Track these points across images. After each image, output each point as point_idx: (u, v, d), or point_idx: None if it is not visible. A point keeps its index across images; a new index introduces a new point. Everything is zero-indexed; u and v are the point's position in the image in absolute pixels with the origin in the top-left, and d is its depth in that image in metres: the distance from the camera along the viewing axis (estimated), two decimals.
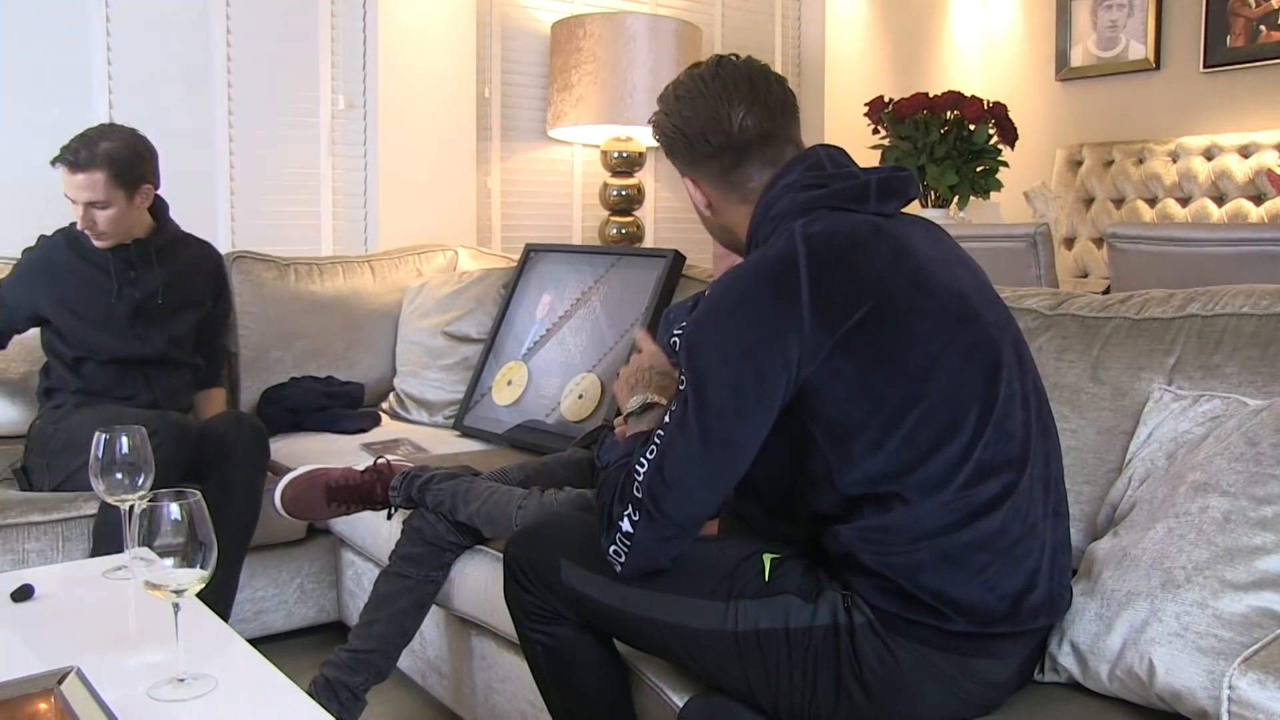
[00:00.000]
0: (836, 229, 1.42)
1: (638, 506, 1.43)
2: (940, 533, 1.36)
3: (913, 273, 1.41)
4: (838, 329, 1.35)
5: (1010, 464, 1.40)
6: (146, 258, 2.76)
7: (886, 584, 1.39)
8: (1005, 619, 1.39)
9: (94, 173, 2.57)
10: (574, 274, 3.19)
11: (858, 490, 1.39)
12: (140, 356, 2.75)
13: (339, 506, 2.35)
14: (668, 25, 4.05)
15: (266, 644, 2.62)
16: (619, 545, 1.46)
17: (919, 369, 1.37)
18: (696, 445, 1.39)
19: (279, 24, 3.79)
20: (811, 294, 1.36)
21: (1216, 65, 5.07)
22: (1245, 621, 1.30)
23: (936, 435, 1.36)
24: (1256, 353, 1.68)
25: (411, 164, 4.02)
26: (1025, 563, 1.40)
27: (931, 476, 1.36)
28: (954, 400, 1.38)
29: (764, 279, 1.40)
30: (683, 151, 1.59)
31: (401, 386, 3.46)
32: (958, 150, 4.19)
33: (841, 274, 1.38)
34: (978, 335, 1.42)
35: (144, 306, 2.75)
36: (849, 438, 1.38)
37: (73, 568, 1.98)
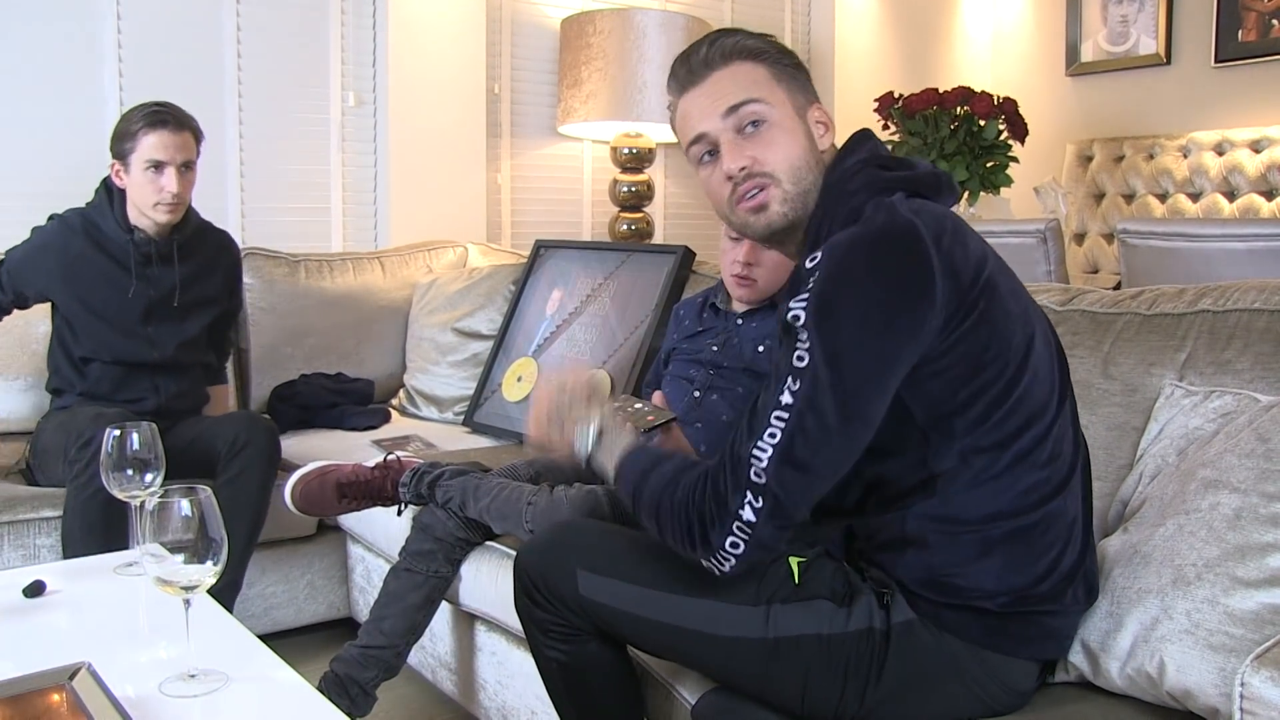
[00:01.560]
0: (934, 210, 1.39)
1: (761, 493, 1.32)
2: (1014, 512, 1.37)
3: (995, 256, 1.42)
4: (965, 298, 1.33)
5: (1071, 446, 1.43)
6: (168, 254, 2.70)
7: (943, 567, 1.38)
8: (1054, 598, 1.40)
9: (186, 133, 2.57)
10: (584, 270, 3.19)
11: (948, 465, 1.37)
12: (147, 361, 2.70)
13: (349, 503, 2.35)
14: (677, 21, 4.05)
15: (277, 640, 2.62)
16: (736, 536, 1.34)
17: (1021, 346, 1.37)
18: (833, 422, 1.29)
19: (289, 21, 3.80)
20: (941, 264, 1.31)
21: (1228, 60, 5.04)
22: (1257, 619, 1.29)
23: (1028, 415, 1.37)
24: (1269, 348, 1.67)
25: (421, 160, 4.02)
26: (1078, 541, 1.43)
27: (1021, 449, 1.37)
28: (1044, 380, 1.40)
29: (894, 247, 1.32)
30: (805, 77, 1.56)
31: (411, 383, 3.47)
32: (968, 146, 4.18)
33: (958, 249, 1.35)
34: (1042, 321, 1.46)
35: (158, 306, 2.70)
36: (952, 415, 1.36)
37: (84, 563, 1.98)
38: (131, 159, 2.56)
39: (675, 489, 1.41)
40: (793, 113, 1.51)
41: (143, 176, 2.56)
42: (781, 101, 1.51)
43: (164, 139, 2.54)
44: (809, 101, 1.54)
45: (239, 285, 3.04)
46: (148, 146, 2.54)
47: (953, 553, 1.38)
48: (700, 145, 1.52)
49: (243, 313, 3.36)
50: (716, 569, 1.38)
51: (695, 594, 1.46)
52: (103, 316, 2.66)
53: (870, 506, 1.45)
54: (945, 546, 1.38)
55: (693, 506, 1.38)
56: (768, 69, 1.52)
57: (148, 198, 2.58)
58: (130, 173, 2.58)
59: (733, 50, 1.52)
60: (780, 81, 1.52)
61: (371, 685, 2.19)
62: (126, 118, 2.59)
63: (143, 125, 2.53)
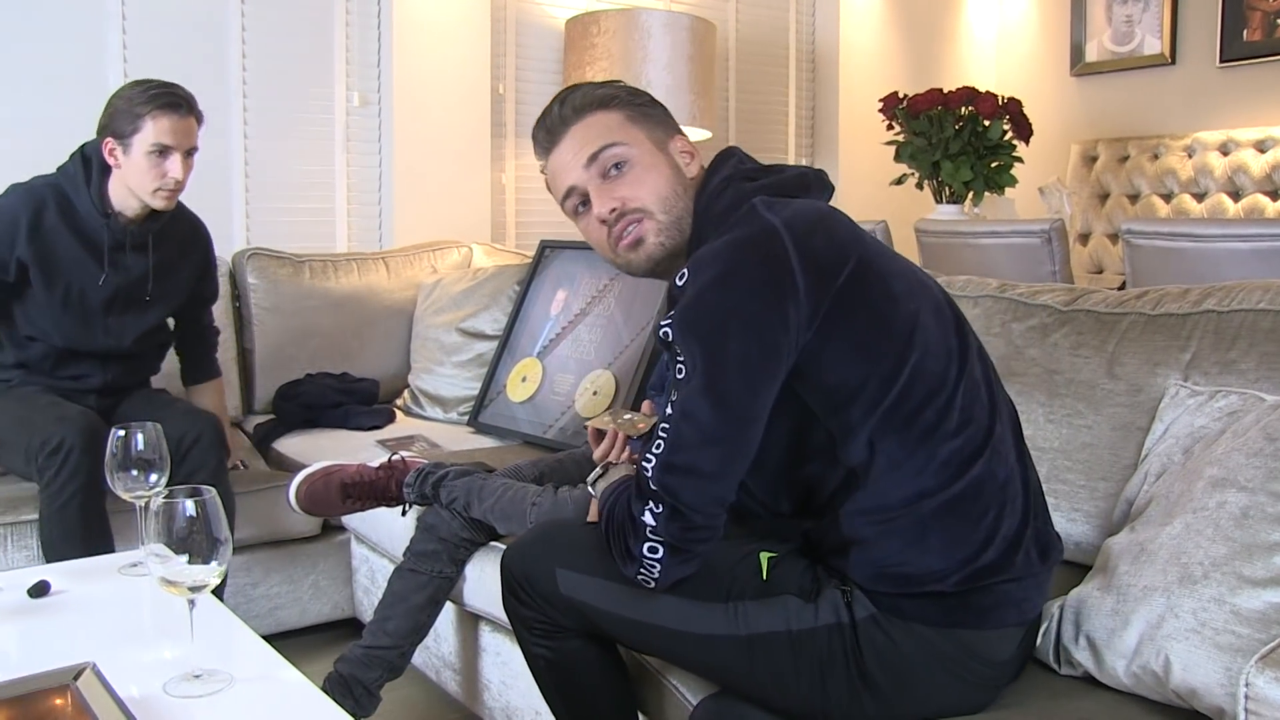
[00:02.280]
0: (798, 207, 1.45)
1: (658, 500, 1.38)
2: (938, 487, 1.38)
3: (872, 242, 1.47)
4: (829, 290, 1.37)
5: (983, 410, 1.45)
6: (142, 242, 2.56)
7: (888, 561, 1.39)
8: (1005, 566, 1.41)
9: (192, 118, 2.47)
10: (589, 270, 3.19)
11: (860, 457, 1.39)
12: (99, 350, 2.57)
13: (353, 503, 2.35)
14: (682, 21, 4.04)
15: (281, 640, 2.62)
16: (652, 541, 1.40)
17: (904, 326, 1.41)
18: (708, 425, 1.36)
19: (293, 21, 3.81)
20: (800, 259, 1.36)
21: (1233, 60, 5.03)
22: (1263, 618, 1.29)
23: (927, 389, 1.40)
24: (1274, 348, 1.67)
25: (426, 161, 4.03)
26: (1016, 502, 1.44)
27: (926, 425, 1.39)
28: (937, 353, 1.42)
29: (749, 250, 1.39)
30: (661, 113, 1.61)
31: (416, 383, 3.47)
32: (972, 146, 4.18)
33: (820, 239, 1.40)
34: (934, 297, 1.49)
35: (124, 295, 2.57)
36: (848, 404, 1.39)
37: (88, 564, 1.98)
38: (134, 140, 2.41)
39: (612, 513, 1.48)
40: (652, 148, 1.57)
41: (145, 160, 2.42)
42: (639, 140, 1.57)
43: (174, 124, 2.42)
44: (669, 135, 1.60)
45: (213, 270, 2.85)
46: (156, 130, 2.40)
47: (892, 543, 1.39)
48: (573, 198, 1.61)
49: (246, 312, 3.37)
50: (649, 581, 1.44)
51: (665, 591, 1.48)
52: (65, 303, 2.52)
53: (809, 512, 1.48)
54: (883, 538, 1.40)
55: (618, 525, 1.45)
56: (621, 113, 1.58)
57: (148, 183, 2.44)
58: (130, 154, 2.42)
59: (584, 103, 1.58)
60: (635, 122, 1.58)
61: (376, 686, 2.19)
62: (128, 96, 2.43)
63: (152, 107, 2.40)
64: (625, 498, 1.45)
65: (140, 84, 2.45)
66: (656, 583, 1.44)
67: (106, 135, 2.45)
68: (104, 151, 2.46)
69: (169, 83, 2.46)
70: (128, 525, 2.50)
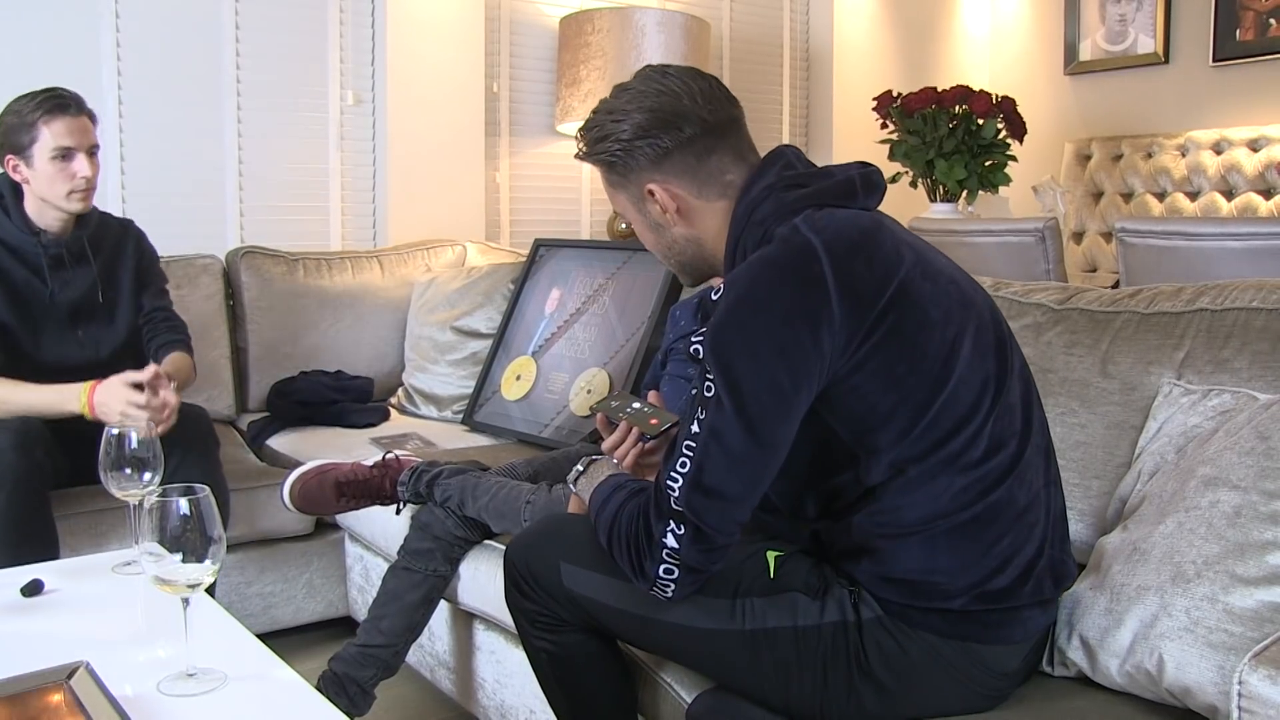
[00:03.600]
0: (842, 223, 1.40)
1: (681, 521, 1.36)
2: (954, 509, 1.37)
3: (916, 261, 1.41)
4: (865, 319, 1.34)
5: (1014, 435, 1.42)
6: (79, 252, 2.53)
7: (896, 572, 1.39)
8: (1015, 592, 1.40)
9: (84, 116, 2.43)
10: (584, 269, 3.19)
11: (881, 478, 1.39)
12: (80, 364, 2.50)
13: (348, 501, 2.35)
14: (676, 20, 4.04)
15: (275, 639, 2.62)
16: (668, 563, 1.38)
17: (939, 355, 1.37)
18: (737, 450, 1.34)
19: (288, 19, 3.80)
20: (838, 285, 1.33)
21: (1226, 59, 5.04)
22: (1256, 617, 1.29)
23: (956, 418, 1.37)
24: (1267, 347, 1.67)
25: (420, 159, 4.02)
26: (1034, 531, 1.42)
27: (951, 453, 1.37)
28: (971, 382, 1.39)
29: (786, 273, 1.35)
30: (647, 152, 1.48)
31: (410, 381, 3.47)
32: (966, 145, 4.18)
33: (860, 264, 1.36)
34: (979, 317, 1.44)
35: (84, 307, 2.54)
36: (875, 431, 1.37)
37: (82, 563, 1.98)
38: (34, 150, 2.38)
39: (619, 522, 1.46)
40: (634, 212, 1.57)
41: (50, 167, 2.39)
42: (622, 204, 1.58)
43: (68, 124, 2.39)
44: (642, 191, 1.53)
45: (155, 263, 2.76)
46: (53, 134, 2.37)
47: (901, 557, 1.39)
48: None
49: (240, 310, 3.37)
50: (661, 596, 1.43)
51: None
52: (34, 326, 2.49)
53: (827, 515, 1.47)
54: (893, 551, 1.39)
55: (630, 540, 1.43)
56: (603, 173, 1.57)
57: (59, 188, 2.41)
58: (34, 165, 2.39)
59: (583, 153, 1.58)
60: (614, 185, 1.57)
61: (370, 684, 2.19)
62: (15, 110, 2.40)
63: (41, 113, 2.37)
64: (641, 516, 1.42)
65: (24, 96, 2.43)
66: (670, 599, 1.44)
67: (5, 154, 2.42)
68: (8, 170, 2.43)
69: (53, 87, 2.44)
70: (120, 523, 2.51)
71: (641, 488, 1.49)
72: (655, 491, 1.41)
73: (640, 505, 1.43)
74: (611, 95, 1.54)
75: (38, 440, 2.30)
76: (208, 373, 3.21)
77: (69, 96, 2.43)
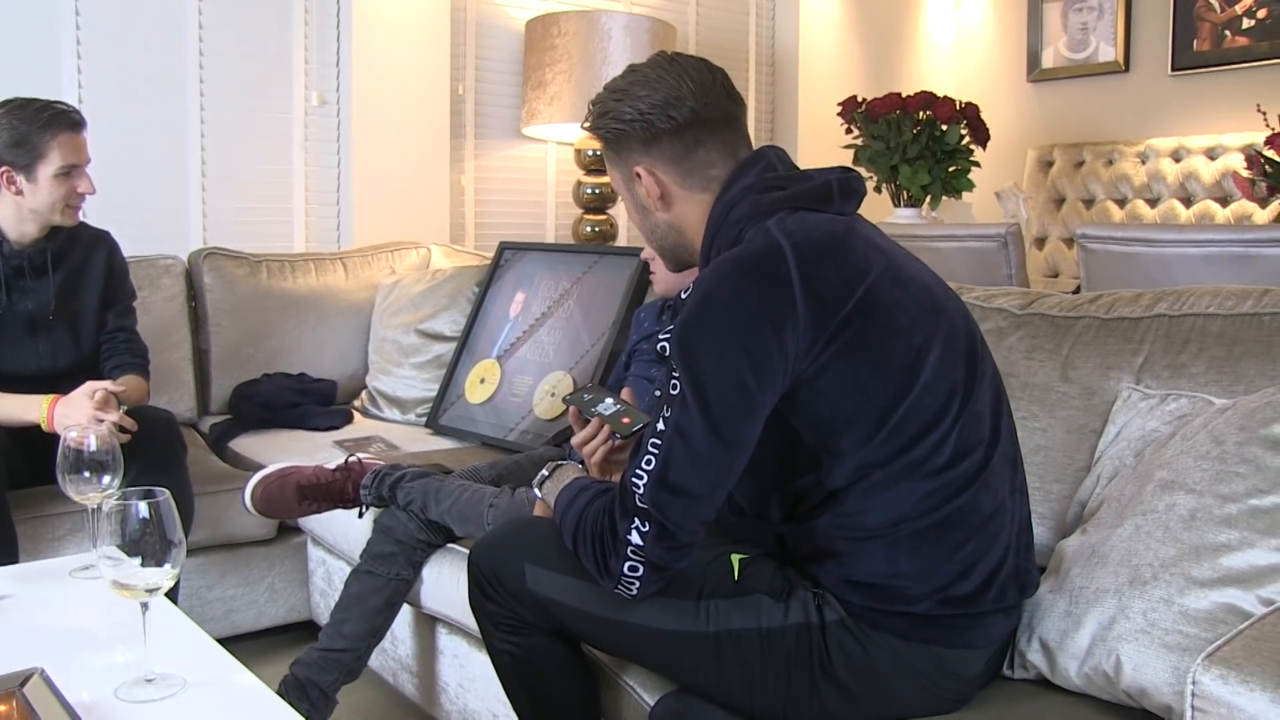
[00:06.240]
0: (813, 226, 1.41)
1: (645, 518, 1.37)
2: (917, 514, 1.38)
3: (886, 267, 1.42)
4: (830, 322, 1.35)
5: (981, 443, 1.43)
6: (41, 265, 2.50)
7: (860, 575, 1.40)
8: (978, 598, 1.41)
9: (84, 131, 2.41)
10: (549, 273, 3.19)
11: (845, 481, 1.39)
12: (37, 373, 2.49)
13: (310, 505, 2.34)
14: (642, 24, 4.05)
15: (236, 643, 2.60)
16: (633, 561, 1.39)
17: (905, 361, 1.38)
18: (702, 448, 1.35)
19: (252, 19, 3.77)
20: (803, 287, 1.34)
21: (1184, 68, 5.12)
22: (1210, 618, 1.31)
23: (922, 425, 1.38)
24: (1222, 352, 1.69)
25: (385, 161, 4.00)
26: (999, 539, 1.43)
27: (915, 459, 1.38)
28: (937, 389, 1.39)
29: (753, 273, 1.36)
30: (639, 135, 1.51)
31: (374, 384, 3.45)
32: (930, 150, 4.21)
33: (828, 268, 1.37)
34: (949, 324, 1.44)
35: (41, 318, 2.51)
36: (838, 434, 1.38)
37: (39, 567, 1.95)
38: (39, 166, 2.36)
39: (584, 521, 1.46)
40: (624, 189, 1.60)
41: (53, 183, 2.37)
42: (616, 181, 1.61)
43: (75, 142, 2.39)
44: (630, 171, 1.56)
45: (125, 279, 2.71)
46: (63, 153, 2.37)
47: (864, 561, 1.40)
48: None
49: (202, 312, 3.34)
50: (626, 594, 1.44)
51: None
52: None
53: (791, 518, 1.48)
54: (856, 555, 1.40)
55: (594, 539, 1.43)
56: (603, 148, 1.61)
57: (56, 202, 2.40)
58: (37, 180, 2.37)
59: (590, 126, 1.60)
60: (611, 163, 1.60)
61: (332, 688, 2.17)
62: (14, 125, 2.35)
63: (54, 130, 2.35)
64: (606, 514, 1.42)
65: (22, 108, 2.37)
66: (634, 597, 1.44)
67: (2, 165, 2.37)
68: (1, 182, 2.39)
69: (51, 101, 2.40)
70: (78, 527, 2.48)
71: (606, 489, 1.49)
72: (620, 489, 1.41)
73: (605, 504, 1.44)
74: (622, 74, 1.57)
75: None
76: (169, 374, 3.18)
77: (75, 112, 2.41)
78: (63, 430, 1.89)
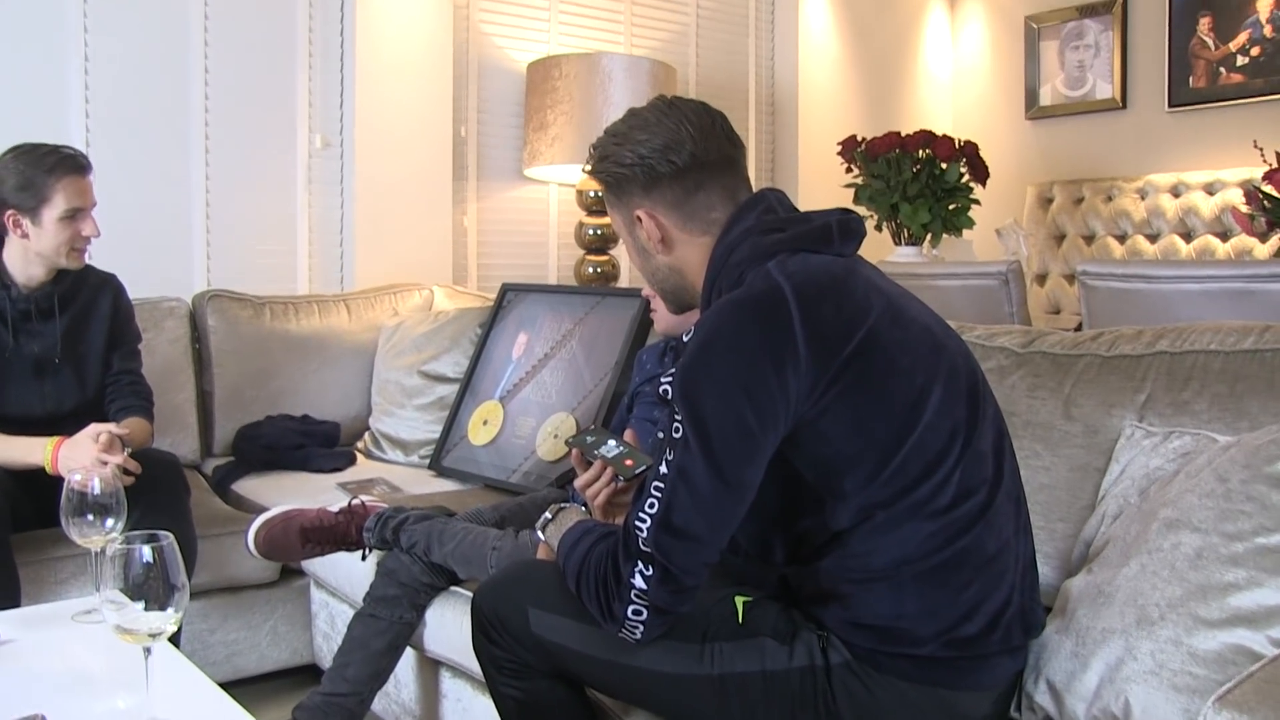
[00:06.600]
0: (813, 268, 1.42)
1: (649, 562, 1.37)
2: (921, 555, 1.38)
3: (887, 308, 1.43)
4: (831, 364, 1.35)
5: (984, 482, 1.42)
6: (49, 308, 2.51)
7: (864, 617, 1.39)
8: (984, 639, 1.40)
9: (90, 174, 2.43)
10: (551, 314, 3.20)
11: (848, 523, 1.39)
12: (44, 416, 2.50)
13: (313, 548, 2.33)
14: (642, 65, 4.08)
15: (238, 687, 2.58)
16: (637, 605, 1.39)
17: (907, 402, 1.38)
18: (704, 490, 1.35)
19: (256, 63, 3.81)
20: (805, 329, 1.35)
21: (1181, 105, 5.15)
22: (1220, 659, 1.30)
23: (924, 465, 1.38)
24: (1225, 389, 1.69)
25: (388, 203, 4.02)
26: (1004, 579, 1.43)
27: (918, 499, 1.38)
28: (939, 429, 1.39)
29: (754, 315, 1.37)
30: (639, 179, 1.52)
31: (377, 426, 3.45)
32: (930, 188, 4.23)
33: (829, 309, 1.38)
34: (950, 364, 1.45)
35: (47, 361, 2.52)
36: (841, 475, 1.38)
37: (41, 611, 1.95)
38: (44, 210, 2.37)
39: (588, 565, 1.46)
40: (625, 232, 1.61)
41: (57, 226, 2.38)
42: (617, 224, 1.62)
43: (80, 186, 2.40)
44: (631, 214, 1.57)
45: (130, 322, 2.72)
46: (68, 197, 2.38)
47: (869, 602, 1.39)
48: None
49: (206, 354, 3.35)
50: (630, 638, 1.43)
51: None
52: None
53: (795, 559, 1.47)
54: (860, 596, 1.39)
55: (598, 582, 1.43)
56: (604, 189, 1.61)
57: (61, 245, 2.41)
58: (41, 223, 2.39)
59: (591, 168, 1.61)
60: (611, 206, 1.61)
61: None
62: (20, 169, 2.37)
63: (59, 175, 2.36)
64: (609, 558, 1.42)
65: (29, 152, 2.40)
66: (638, 641, 1.44)
67: (5, 209, 2.39)
68: (6, 224, 2.40)
69: (58, 146, 2.42)
70: (80, 570, 2.48)
71: (609, 532, 1.49)
72: (624, 532, 1.41)
73: (609, 547, 1.43)
74: (622, 118, 1.57)
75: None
76: (173, 416, 3.18)
77: (80, 156, 2.43)
78: (67, 473, 1.90)
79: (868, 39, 5.62)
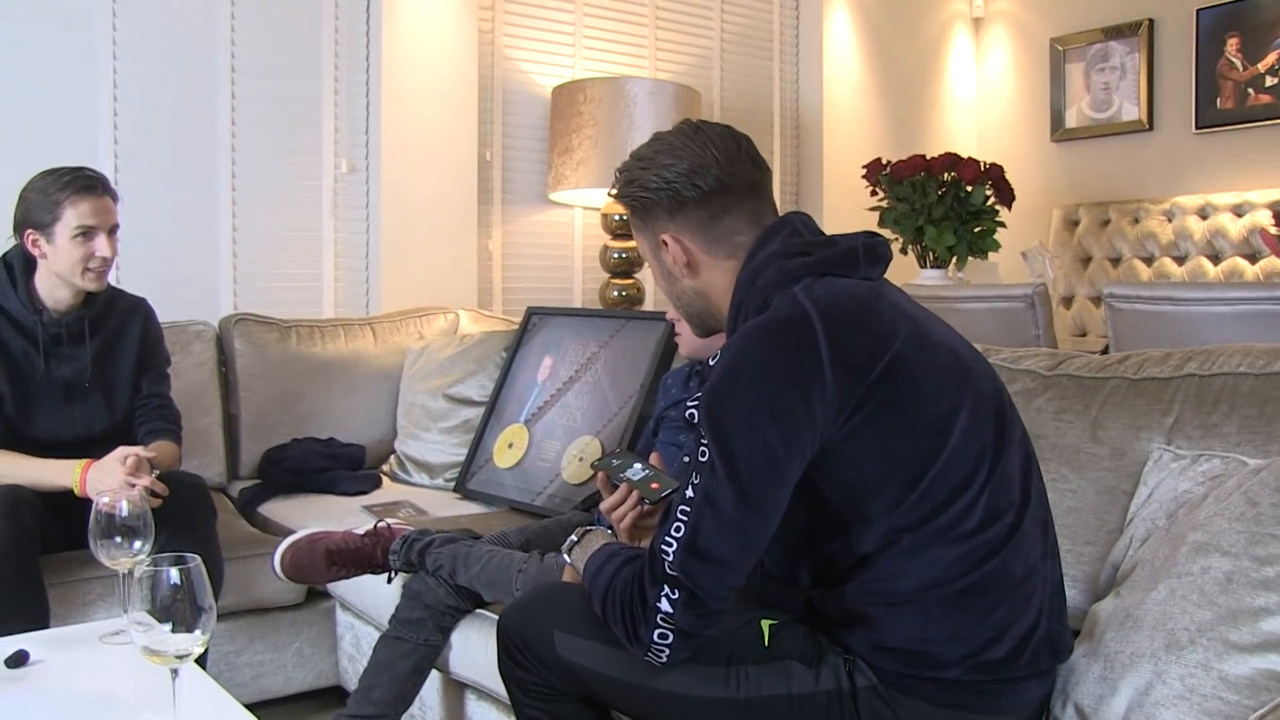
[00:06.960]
0: (839, 292, 1.42)
1: (675, 586, 1.37)
2: (948, 579, 1.37)
3: (913, 331, 1.42)
4: (857, 388, 1.35)
5: (1011, 506, 1.42)
6: (80, 332, 2.54)
7: (890, 641, 1.39)
8: (1011, 663, 1.39)
9: (108, 197, 2.46)
10: (576, 337, 3.20)
11: (874, 547, 1.39)
12: (73, 439, 2.52)
13: (339, 570, 2.34)
14: (667, 89, 4.10)
15: (264, 709, 2.59)
16: (663, 628, 1.39)
17: (933, 425, 1.38)
18: (730, 514, 1.34)
19: (283, 88, 3.85)
20: (831, 353, 1.34)
21: (1208, 126, 5.12)
22: (1251, 684, 1.29)
23: (950, 489, 1.37)
24: (1254, 411, 1.68)
25: (413, 227, 4.05)
26: (1031, 602, 1.42)
27: (945, 523, 1.37)
28: (966, 452, 1.39)
29: (780, 340, 1.37)
30: (665, 203, 1.52)
31: (402, 449, 3.46)
32: (955, 211, 4.22)
33: (855, 333, 1.37)
34: (977, 387, 1.44)
35: (77, 384, 2.54)
36: (867, 499, 1.38)
37: (68, 632, 1.96)
38: (56, 228, 2.40)
39: (614, 588, 1.46)
40: (651, 256, 1.62)
41: (70, 244, 2.41)
42: (643, 247, 1.62)
43: (93, 205, 2.42)
44: (656, 238, 1.58)
45: (159, 346, 2.74)
46: (77, 214, 2.40)
47: (895, 626, 1.39)
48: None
49: (232, 378, 3.37)
50: (656, 661, 1.43)
51: None
52: (28, 397, 2.49)
53: (821, 583, 1.47)
54: (886, 620, 1.39)
55: (624, 605, 1.43)
56: (630, 216, 1.62)
57: (76, 265, 2.43)
58: (55, 242, 2.41)
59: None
60: (637, 230, 1.61)
61: None
62: (40, 187, 2.42)
63: (69, 193, 2.39)
64: (635, 581, 1.42)
65: (50, 173, 2.45)
66: (664, 664, 1.44)
67: (26, 228, 2.44)
68: (26, 244, 2.45)
69: (79, 167, 2.46)
70: (108, 591, 2.49)
71: (635, 555, 1.49)
72: (650, 556, 1.41)
73: (635, 571, 1.43)
74: (648, 143, 1.58)
75: (26, 506, 2.29)
76: (200, 439, 3.20)
77: (96, 177, 2.45)
78: (95, 495, 1.92)
79: (892, 62, 5.62)
